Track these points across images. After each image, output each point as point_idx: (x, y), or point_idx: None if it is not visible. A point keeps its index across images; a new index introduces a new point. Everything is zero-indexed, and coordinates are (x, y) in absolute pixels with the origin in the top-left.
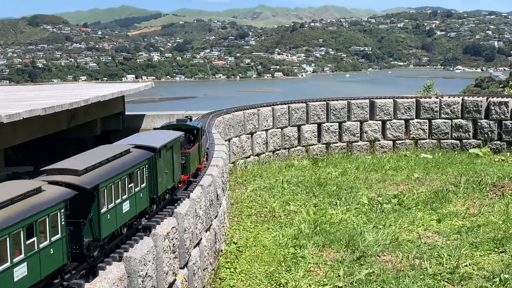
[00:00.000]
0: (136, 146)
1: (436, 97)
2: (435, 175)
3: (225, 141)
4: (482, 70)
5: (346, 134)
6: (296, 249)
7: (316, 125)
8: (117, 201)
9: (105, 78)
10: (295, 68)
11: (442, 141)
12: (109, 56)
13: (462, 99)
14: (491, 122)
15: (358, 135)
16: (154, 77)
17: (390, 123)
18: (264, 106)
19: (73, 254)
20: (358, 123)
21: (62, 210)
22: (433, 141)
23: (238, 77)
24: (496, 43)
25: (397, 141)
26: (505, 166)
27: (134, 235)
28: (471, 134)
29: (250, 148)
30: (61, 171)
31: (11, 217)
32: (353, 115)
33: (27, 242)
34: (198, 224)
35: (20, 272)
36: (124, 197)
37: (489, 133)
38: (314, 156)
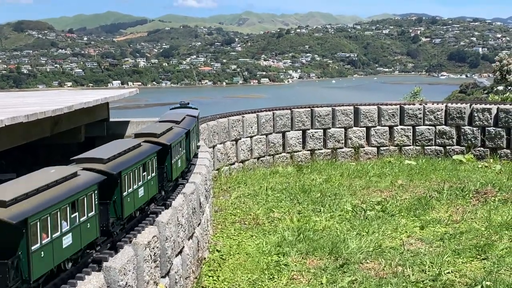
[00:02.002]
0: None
1: (420, 104)
2: (419, 181)
3: (210, 148)
4: (466, 76)
5: (330, 141)
6: (279, 257)
7: (301, 131)
8: (134, 187)
9: (90, 84)
10: (281, 74)
11: (426, 147)
12: (94, 62)
13: (446, 106)
14: (475, 128)
15: (343, 141)
16: (140, 83)
17: (374, 129)
18: (249, 113)
19: (101, 231)
20: (343, 129)
21: (96, 191)
22: (417, 147)
23: (224, 83)
24: (480, 49)
25: (382, 148)
26: (488, 173)
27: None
28: (454, 140)
29: (235, 155)
30: (88, 160)
31: (60, 195)
32: (337, 122)
33: (71, 216)
34: (180, 232)
35: (67, 240)
36: (139, 183)
37: (472, 139)
38: (298, 162)
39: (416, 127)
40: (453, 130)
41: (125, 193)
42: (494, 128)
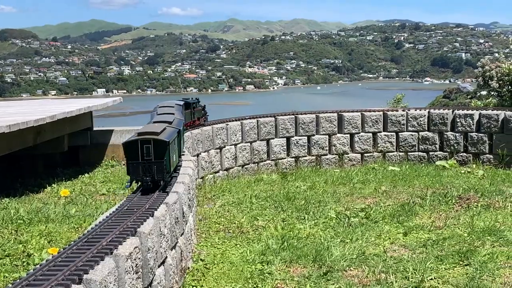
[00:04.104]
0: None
1: (403, 110)
2: (402, 187)
3: (194, 156)
4: (450, 81)
5: (315, 148)
6: (263, 265)
7: (285, 139)
8: (172, 152)
9: (75, 92)
10: (267, 81)
11: (409, 153)
12: (79, 70)
13: (428, 111)
14: (457, 134)
15: (327, 148)
16: (125, 91)
17: (358, 136)
18: (233, 121)
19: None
20: (327, 136)
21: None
22: (400, 153)
23: (209, 90)
24: (463, 55)
25: (365, 154)
26: (471, 178)
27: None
28: (437, 146)
29: (219, 163)
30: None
31: (172, 133)
32: (321, 129)
33: (174, 145)
34: (162, 242)
35: (174, 158)
36: (175, 150)
37: (455, 145)
38: (283, 170)
39: (400, 133)
40: (436, 136)
41: (170, 155)
42: (476, 134)
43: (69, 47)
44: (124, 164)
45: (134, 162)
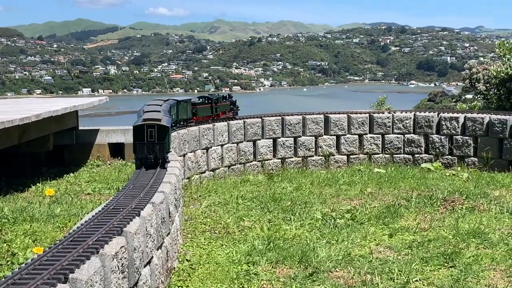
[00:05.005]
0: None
1: (389, 112)
2: (388, 189)
3: (180, 156)
4: (435, 85)
5: (301, 149)
6: (249, 266)
7: (272, 140)
8: (170, 136)
9: (60, 92)
10: (253, 82)
11: (395, 155)
12: (64, 69)
13: (414, 114)
14: (443, 137)
15: (313, 150)
16: (111, 91)
17: (344, 138)
18: (219, 121)
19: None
20: (313, 138)
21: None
22: (386, 155)
23: (196, 91)
24: (448, 58)
25: (351, 156)
26: (456, 181)
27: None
28: (423, 149)
29: (205, 164)
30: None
31: (169, 120)
32: (308, 130)
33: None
34: (149, 242)
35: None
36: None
37: (440, 148)
38: (269, 171)
39: (385, 136)
40: (422, 138)
41: (170, 138)
42: (461, 137)
43: (55, 46)
44: (109, 164)
45: (141, 143)
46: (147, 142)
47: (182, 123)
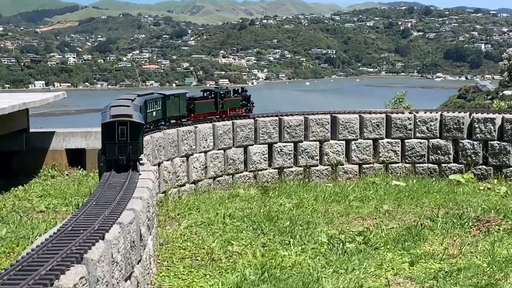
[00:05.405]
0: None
1: (410, 112)
2: (408, 207)
3: (154, 165)
4: (466, 78)
5: (302, 157)
6: None
7: (267, 145)
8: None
9: (7, 85)
10: (244, 74)
11: (417, 165)
12: (12, 57)
13: (441, 115)
14: (475, 142)
15: (318, 158)
16: (70, 84)
17: (355, 143)
18: (203, 123)
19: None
20: (317, 143)
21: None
22: (406, 165)
23: (174, 85)
24: (483, 46)
25: (364, 166)
26: (491, 196)
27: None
28: (451, 157)
29: (186, 174)
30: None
31: (141, 118)
32: (311, 134)
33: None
34: (115, 272)
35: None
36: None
37: (472, 155)
38: (263, 183)
39: (406, 141)
40: (450, 144)
41: (143, 137)
42: (498, 142)
43: (1, 29)
44: (67, 174)
45: (111, 142)
46: (118, 141)
47: (171, 121)
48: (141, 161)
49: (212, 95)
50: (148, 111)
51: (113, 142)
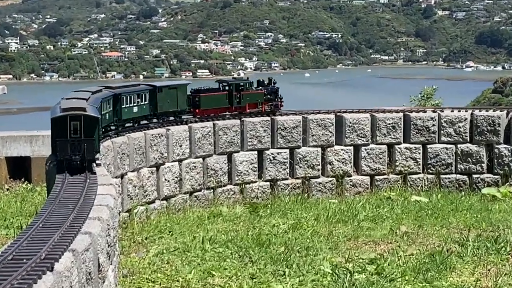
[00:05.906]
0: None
1: (434, 111)
2: (432, 228)
3: (116, 177)
4: (503, 68)
5: (301, 166)
6: None
7: (256, 152)
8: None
9: None
10: (228, 64)
11: (442, 176)
12: None
13: (472, 113)
14: None
15: (319, 167)
16: (11, 76)
17: (366, 149)
18: (177, 124)
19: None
20: (319, 149)
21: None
22: (429, 176)
23: (141, 76)
24: None
25: (377, 177)
26: None
27: None
28: (484, 166)
29: (155, 189)
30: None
31: (97, 111)
32: (311, 138)
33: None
34: None
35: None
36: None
37: (511, 164)
38: (252, 199)
39: (428, 146)
40: (483, 150)
41: (99, 133)
42: None
43: None
44: (7, 189)
45: (62, 140)
46: (71, 138)
47: (165, 118)
48: (98, 161)
49: (226, 87)
50: (123, 106)
51: (65, 140)
